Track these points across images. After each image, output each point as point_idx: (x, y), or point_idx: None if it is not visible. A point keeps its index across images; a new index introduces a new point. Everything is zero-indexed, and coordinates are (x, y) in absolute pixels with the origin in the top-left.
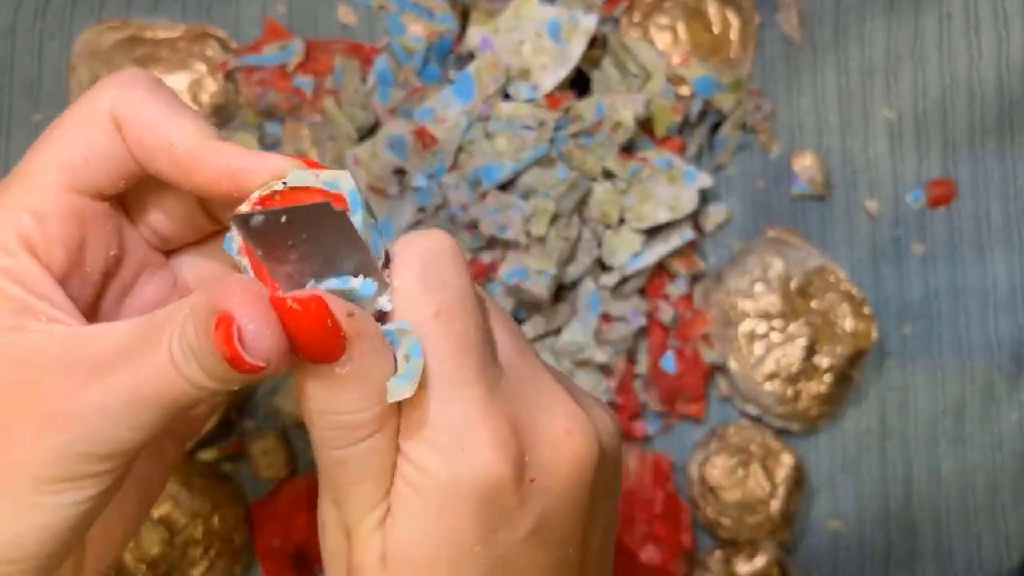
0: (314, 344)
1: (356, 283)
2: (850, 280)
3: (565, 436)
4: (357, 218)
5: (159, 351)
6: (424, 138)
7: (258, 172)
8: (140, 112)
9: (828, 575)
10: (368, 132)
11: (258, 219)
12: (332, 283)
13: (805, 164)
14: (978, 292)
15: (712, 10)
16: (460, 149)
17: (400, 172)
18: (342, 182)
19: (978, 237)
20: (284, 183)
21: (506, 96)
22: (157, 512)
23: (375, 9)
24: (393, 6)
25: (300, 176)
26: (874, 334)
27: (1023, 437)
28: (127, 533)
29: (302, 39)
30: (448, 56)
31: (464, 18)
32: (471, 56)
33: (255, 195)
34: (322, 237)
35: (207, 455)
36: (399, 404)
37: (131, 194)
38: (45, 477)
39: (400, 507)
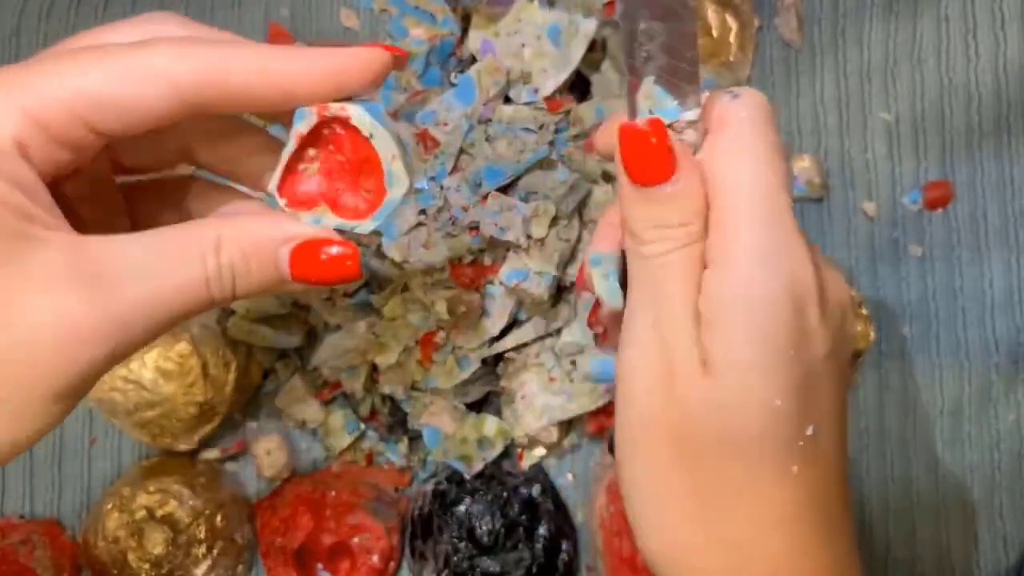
0: (653, 164)
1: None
2: (848, 281)
3: (839, 277)
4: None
5: (191, 269)
6: (426, 141)
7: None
8: (210, 58)
9: None
10: None
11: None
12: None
13: (803, 166)
14: (975, 293)
15: (711, 13)
16: (461, 151)
17: None
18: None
19: (975, 239)
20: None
21: (507, 99)
22: (160, 511)
23: (377, 12)
24: (395, 9)
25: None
26: (872, 335)
27: (1021, 437)
28: None
29: (304, 42)
30: (449, 59)
31: (465, 22)
32: (472, 59)
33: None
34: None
35: (210, 455)
36: (721, 223)
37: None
38: (64, 391)
39: (720, 316)
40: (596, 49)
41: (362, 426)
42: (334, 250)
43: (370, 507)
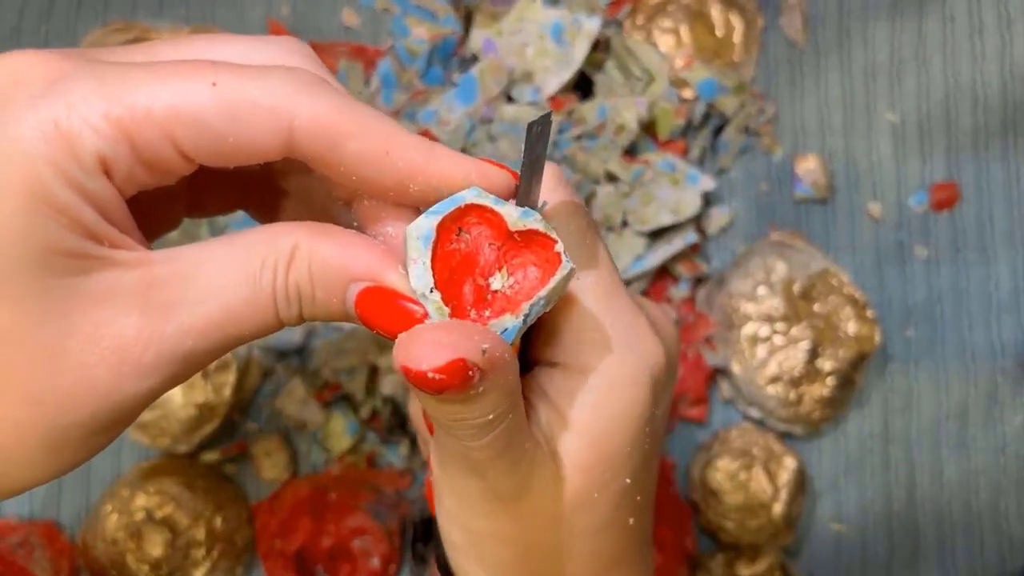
0: (453, 389)
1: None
2: (853, 283)
3: (669, 323)
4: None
5: (259, 288)
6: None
7: (448, 178)
8: (335, 121)
9: None
10: None
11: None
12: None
13: (808, 167)
14: (981, 295)
15: (715, 13)
16: (463, 151)
17: None
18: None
19: (981, 240)
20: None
21: (509, 99)
22: (160, 513)
23: (379, 11)
24: (397, 8)
25: (479, 195)
26: (877, 337)
27: None
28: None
29: (306, 41)
30: (451, 58)
31: (468, 21)
32: (474, 59)
33: (441, 209)
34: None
35: (210, 457)
36: (557, 318)
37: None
38: (108, 423)
39: (575, 415)
40: (599, 48)
41: (362, 428)
42: (411, 307)
43: (370, 509)
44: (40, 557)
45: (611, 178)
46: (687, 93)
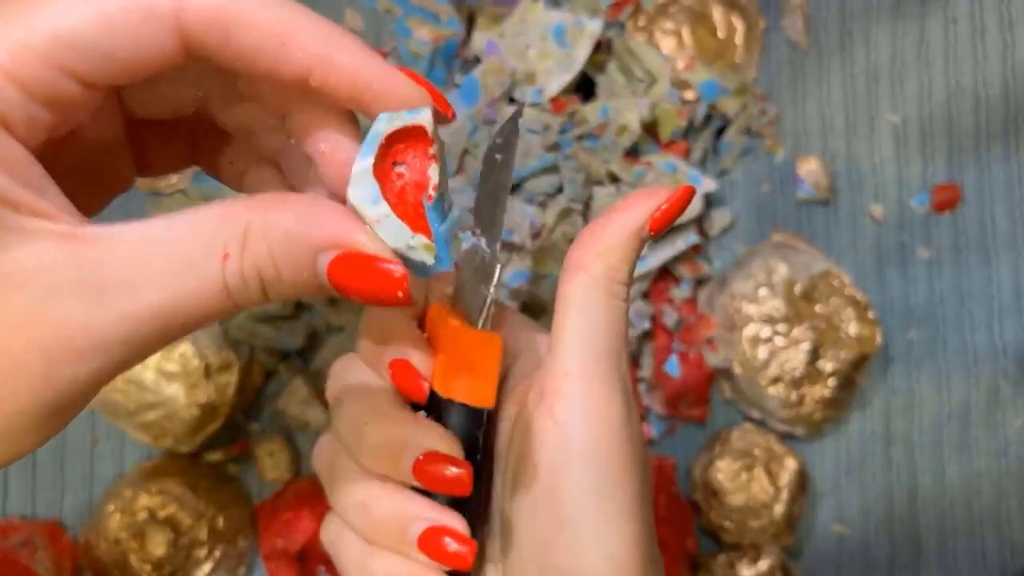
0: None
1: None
2: (855, 285)
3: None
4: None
5: (209, 272)
6: None
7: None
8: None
9: None
10: None
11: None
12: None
13: (810, 168)
14: (983, 297)
15: (717, 15)
16: (465, 152)
17: None
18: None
19: (983, 242)
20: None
21: (511, 100)
22: (162, 513)
23: (382, 13)
24: (399, 10)
25: (391, 119)
26: (878, 339)
27: None
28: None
29: None
30: (454, 60)
31: (470, 22)
32: (477, 60)
33: (386, 125)
34: None
35: (212, 457)
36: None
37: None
38: (54, 408)
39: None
40: (601, 50)
41: None
42: (389, 268)
43: None
44: (43, 557)
45: (613, 179)
46: (689, 94)
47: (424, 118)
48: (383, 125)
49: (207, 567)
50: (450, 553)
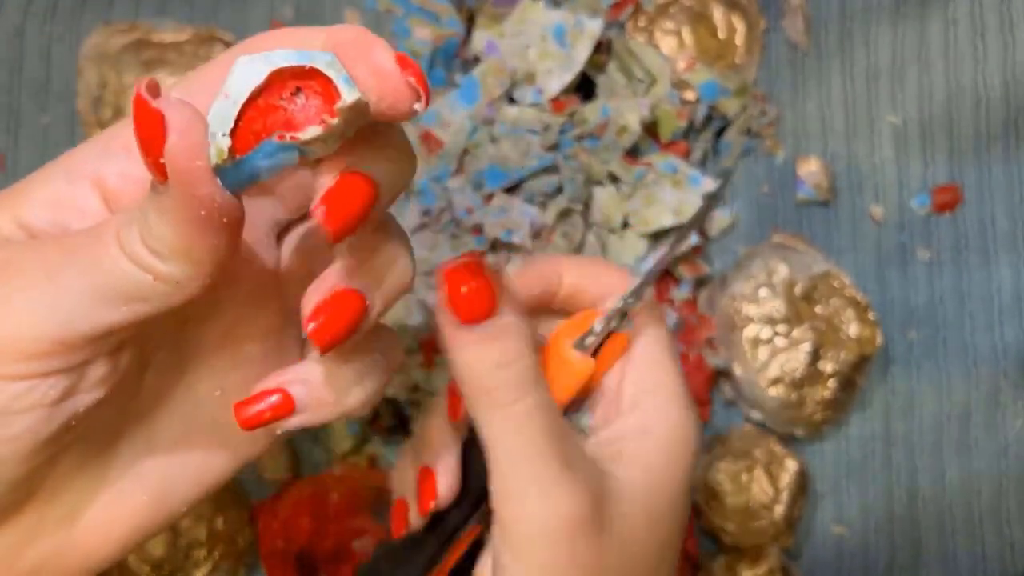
0: (478, 300)
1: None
2: (855, 285)
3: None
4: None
5: (104, 229)
6: (429, 142)
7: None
8: None
9: None
10: None
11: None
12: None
13: (810, 169)
14: (984, 298)
15: (718, 15)
16: (465, 152)
17: None
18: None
19: (984, 243)
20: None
21: (511, 100)
22: None
23: (381, 13)
24: (399, 10)
25: (332, 65)
26: (879, 340)
27: None
28: (133, 532)
29: None
30: (454, 60)
31: (470, 22)
32: (477, 60)
33: (286, 60)
34: None
35: None
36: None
37: None
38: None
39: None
40: (601, 50)
41: (364, 429)
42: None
43: (372, 510)
44: None
45: (613, 179)
46: (689, 95)
47: (323, 63)
48: (323, 58)
49: (206, 567)
50: None
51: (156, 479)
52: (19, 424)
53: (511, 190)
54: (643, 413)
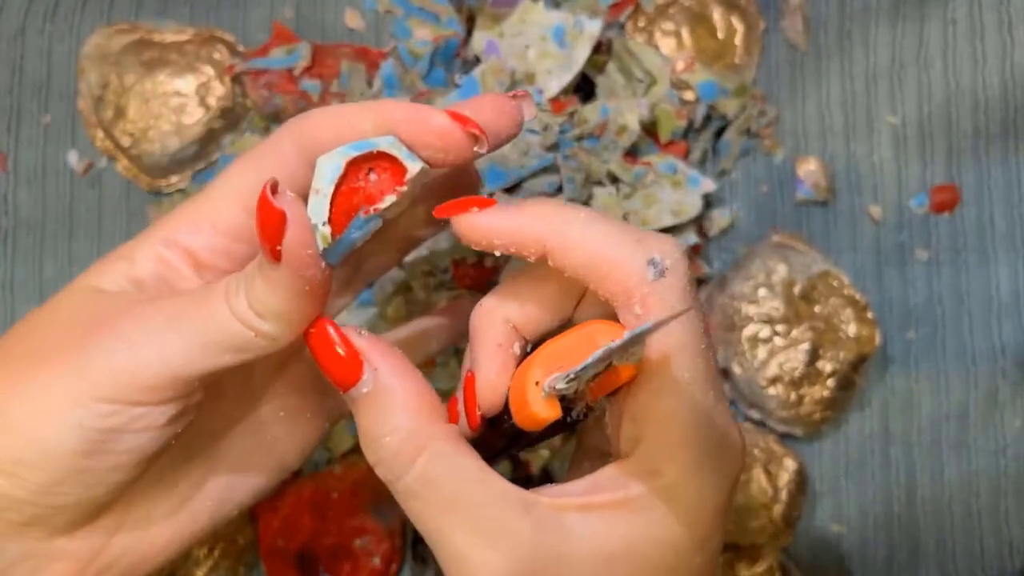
0: (340, 365)
1: None
2: (853, 285)
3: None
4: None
5: (215, 291)
6: None
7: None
8: None
9: None
10: None
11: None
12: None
13: (809, 169)
14: (982, 297)
15: (717, 16)
16: None
17: None
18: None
19: (982, 243)
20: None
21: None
22: None
23: (381, 13)
24: (399, 10)
25: (394, 145)
26: (877, 339)
27: None
28: (195, 534)
29: (309, 43)
30: (454, 60)
31: (470, 22)
32: (477, 60)
33: (357, 148)
34: None
35: None
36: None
37: None
38: (97, 395)
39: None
40: (601, 50)
41: None
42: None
43: (372, 509)
44: None
45: (613, 179)
46: (688, 95)
47: (387, 145)
48: (385, 141)
49: (206, 566)
50: None
51: (219, 489)
52: (134, 441)
53: (511, 190)
54: (653, 474)
